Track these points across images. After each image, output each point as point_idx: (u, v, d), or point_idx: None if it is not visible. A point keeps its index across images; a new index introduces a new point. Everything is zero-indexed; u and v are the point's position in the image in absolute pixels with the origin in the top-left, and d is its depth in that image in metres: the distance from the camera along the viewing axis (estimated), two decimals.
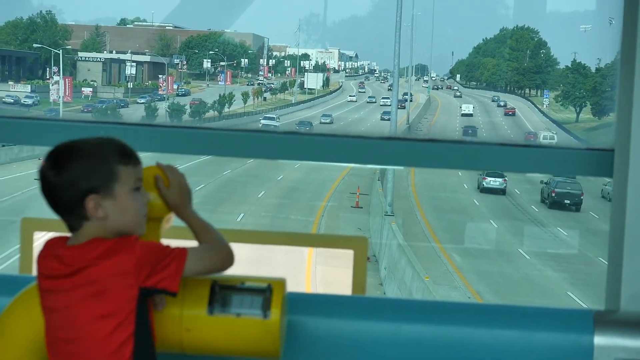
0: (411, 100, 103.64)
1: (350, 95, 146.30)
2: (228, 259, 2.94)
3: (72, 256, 2.77)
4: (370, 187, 51.77)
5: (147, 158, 3.01)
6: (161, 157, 3.07)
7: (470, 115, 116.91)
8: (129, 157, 2.84)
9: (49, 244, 2.87)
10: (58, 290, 2.78)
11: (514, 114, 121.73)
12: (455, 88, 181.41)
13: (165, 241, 2.93)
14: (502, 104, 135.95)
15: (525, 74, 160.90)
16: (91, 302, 2.74)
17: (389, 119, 52.37)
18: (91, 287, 2.74)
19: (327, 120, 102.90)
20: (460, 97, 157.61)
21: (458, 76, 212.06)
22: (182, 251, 2.83)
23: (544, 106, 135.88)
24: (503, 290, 31.81)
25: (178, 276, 2.81)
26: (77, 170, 2.77)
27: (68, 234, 2.86)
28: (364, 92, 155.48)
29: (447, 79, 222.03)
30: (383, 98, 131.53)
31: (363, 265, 3.61)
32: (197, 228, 2.97)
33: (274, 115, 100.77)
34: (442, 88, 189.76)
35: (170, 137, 3.29)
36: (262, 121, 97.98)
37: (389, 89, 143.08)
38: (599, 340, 3.16)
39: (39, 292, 2.84)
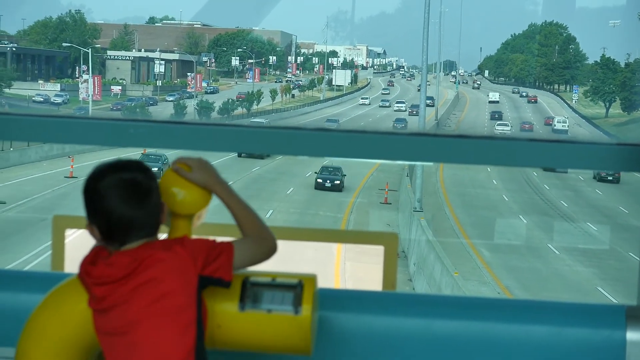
0: (431, 105, 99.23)
1: (362, 98, 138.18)
2: (272, 248, 2.98)
3: (125, 260, 2.79)
4: (399, 183, 51.71)
5: (174, 156, 3.03)
6: (190, 155, 3.09)
7: (497, 102, 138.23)
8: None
9: (93, 253, 2.88)
10: (114, 298, 2.78)
11: (536, 102, 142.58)
12: (476, 80, 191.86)
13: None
14: (523, 94, 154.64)
15: (554, 69, 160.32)
16: (152, 297, 2.76)
17: (402, 127, 51.76)
18: (152, 284, 2.76)
19: (333, 127, 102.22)
20: (478, 88, 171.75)
21: (486, 72, 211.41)
22: (229, 245, 2.89)
23: (573, 102, 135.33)
24: (532, 286, 31.69)
25: (230, 266, 2.86)
26: (155, 183, 2.90)
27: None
28: (387, 93, 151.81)
29: (476, 75, 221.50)
30: (397, 102, 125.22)
31: (393, 261, 3.60)
32: (238, 212, 2.98)
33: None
34: (467, 83, 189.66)
35: (199, 134, 3.30)
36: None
37: (418, 90, 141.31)
38: (632, 335, 3.14)
39: (92, 314, 2.83)
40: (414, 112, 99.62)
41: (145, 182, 2.83)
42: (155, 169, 3.17)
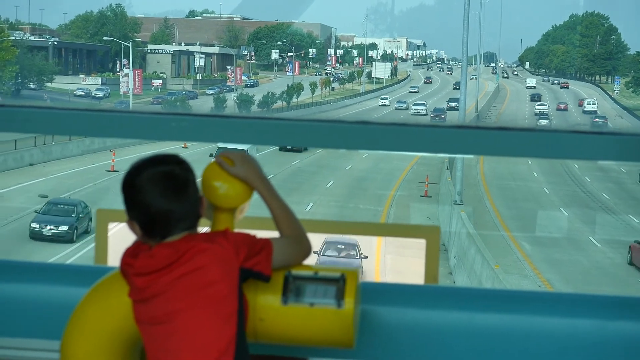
0: (455, 109, 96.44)
1: (381, 98, 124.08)
2: (307, 252, 3.01)
3: (166, 252, 2.81)
4: (439, 176, 51.58)
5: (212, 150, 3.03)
6: (231, 148, 3.10)
7: (534, 87, 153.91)
8: None
9: (134, 246, 2.91)
10: (155, 288, 2.80)
11: (567, 87, 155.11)
12: (514, 71, 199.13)
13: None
14: (555, 82, 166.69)
15: (596, 60, 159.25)
16: (195, 287, 2.78)
17: None
18: (195, 274, 2.78)
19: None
20: (508, 78, 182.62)
21: (527, 64, 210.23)
22: (268, 241, 2.91)
23: (615, 93, 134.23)
24: (574, 279, 31.52)
25: (269, 262, 2.89)
26: (192, 175, 2.91)
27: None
28: (416, 91, 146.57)
29: (516, 67, 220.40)
30: (415, 105, 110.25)
31: (435, 255, 3.59)
32: (278, 212, 3.00)
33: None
34: (507, 76, 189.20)
35: (240, 127, 3.30)
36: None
37: (454, 88, 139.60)
38: None
39: (133, 305, 2.85)
40: (436, 117, 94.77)
41: (182, 175, 2.85)
42: None
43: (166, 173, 2.83)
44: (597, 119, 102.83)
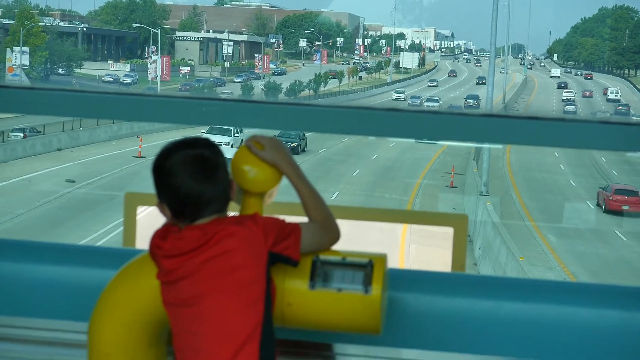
0: (476, 106, 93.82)
1: (395, 92, 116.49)
2: (336, 238, 3.00)
3: (195, 234, 2.82)
4: (465, 167, 51.44)
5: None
6: (258, 133, 3.11)
7: (558, 77, 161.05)
8: None
9: (164, 228, 2.92)
10: (183, 270, 2.81)
11: (591, 78, 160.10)
12: (541, 62, 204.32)
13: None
14: (578, 73, 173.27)
15: (625, 54, 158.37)
16: (223, 270, 2.79)
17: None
18: (223, 257, 2.79)
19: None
20: (530, 68, 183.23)
21: (555, 56, 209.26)
22: (297, 225, 2.92)
23: None
24: (599, 272, 31.39)
25: (298, 246, 2.89)
26: (223, 159, 2.91)
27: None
28: (435, 85, 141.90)
29: (544, 59, 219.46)
30: (428, 101, 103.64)
31: (463, 244, 3.58)
32: (307, 197, 3.00)
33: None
34: (534, 65, 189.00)
35: (269, 113, 3.30)
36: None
37: (477, 83, 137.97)
38: None
39: (160, 286, 2.86)
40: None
41: (212, 158, 2.86)
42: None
43: (197, 156, 2.84)
44: (620, 107, 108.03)
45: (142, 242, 3.42)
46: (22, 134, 51.29)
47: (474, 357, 3.21)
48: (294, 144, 51.46)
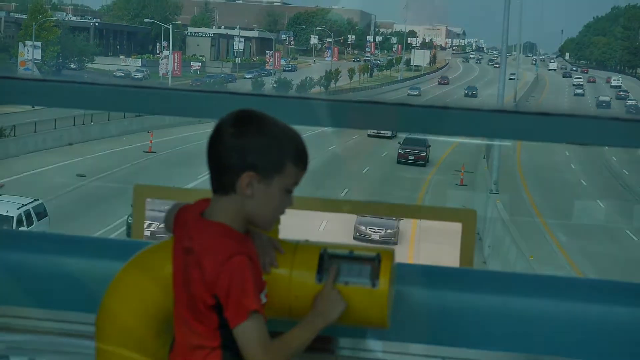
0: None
1: (410, 89, 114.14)
2: None
3: (193, 234, 2.73)
4: (475, 165, 51.32)
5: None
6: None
7: (555, 70, 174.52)
8: (303, 161, 2.83)
9: (193, 206, 2.82)
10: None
11: (587, 72, 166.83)
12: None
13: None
14: (574, 69, 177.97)
15: (637, 53, 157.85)
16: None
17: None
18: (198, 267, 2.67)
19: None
20: (534, 64, 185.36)
21: (567, 54, 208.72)
22: (252, 314, 2.65)
23: None
24: (610, 271, 31.29)
25: (236, 318, 2.64)
26: (254, 143, 2.70)
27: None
28: (445, 83, 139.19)
29: (556, 57, 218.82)
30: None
31: (471, 239, 3.56)
32: (294, 335, 2.78)
33: None
34: (544, 61, 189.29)
35: (281, 106, 3.30)
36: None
37: (465, 94, 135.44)
38: None
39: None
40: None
41: (228, 138, 2.71)
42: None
43: (219, 126, 2.76)
44: (620, 92, 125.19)
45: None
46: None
47: (481, 352, 3.21)
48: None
